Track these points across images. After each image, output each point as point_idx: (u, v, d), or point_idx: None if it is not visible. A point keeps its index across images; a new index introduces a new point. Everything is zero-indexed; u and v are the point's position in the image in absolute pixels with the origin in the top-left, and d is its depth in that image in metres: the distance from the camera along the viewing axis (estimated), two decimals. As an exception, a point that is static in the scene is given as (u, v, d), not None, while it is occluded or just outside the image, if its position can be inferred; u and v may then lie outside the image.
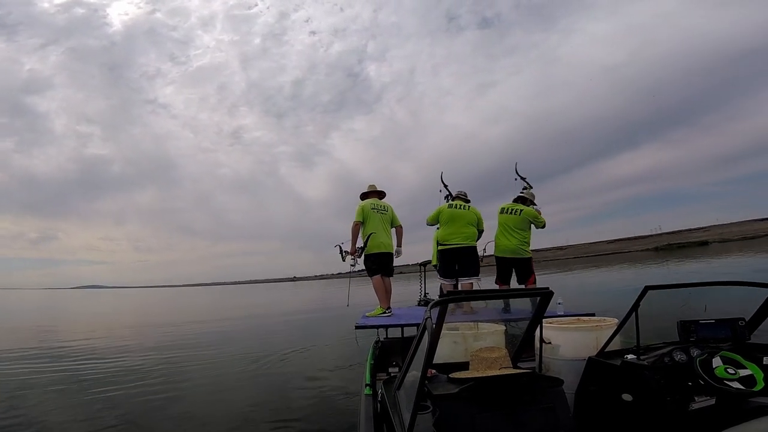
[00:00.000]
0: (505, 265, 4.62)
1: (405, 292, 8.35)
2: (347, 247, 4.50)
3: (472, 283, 4.40)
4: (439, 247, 4.55)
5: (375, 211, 4.46)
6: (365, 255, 4.43)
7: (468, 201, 4.73)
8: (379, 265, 4.37)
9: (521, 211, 4.58)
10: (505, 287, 4.50)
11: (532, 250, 4.68)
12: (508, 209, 4.67)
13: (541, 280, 6.33)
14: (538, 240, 5.19)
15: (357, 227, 4.42)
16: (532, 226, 4.64)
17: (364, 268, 4.54)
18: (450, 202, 4.77)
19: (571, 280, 19.53)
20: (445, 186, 5.18)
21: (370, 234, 4.37)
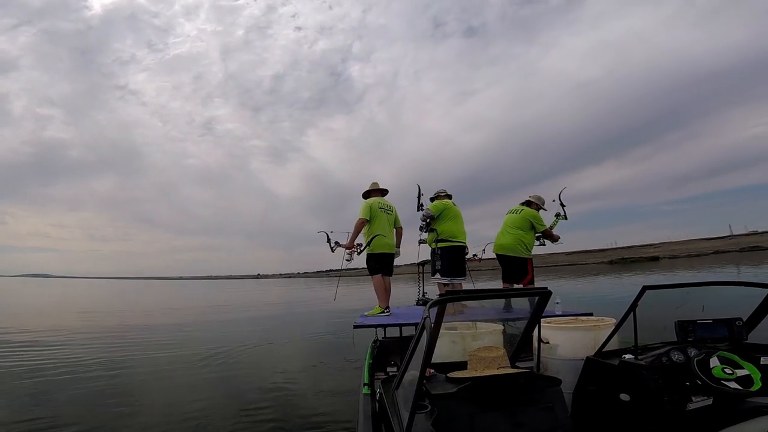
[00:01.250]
0: (502, 263, 4.61)
1: (403, 292, 8.35)
2: (338, 238, 4.34)
3: (462, 284, 4.40)
4: (445, 244, 4.33)
5: (382, 210, 4.38)
6: (369, 254, 4.33)
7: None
8: (382, 264, 4.33)
9: (521, 210, 4.58)
10: (507, 286, 4.47)
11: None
12: (512, 210, 4.69)
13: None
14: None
15: (362, 224, 4.31)
16: (537, 229, 4.59)
17: (365, 265, 4.44)
18: (446, 200, 4.61)
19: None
20: (420, 196, 4.88)
21: (377, 235, 4.27)
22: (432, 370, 1.92)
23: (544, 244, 4.80)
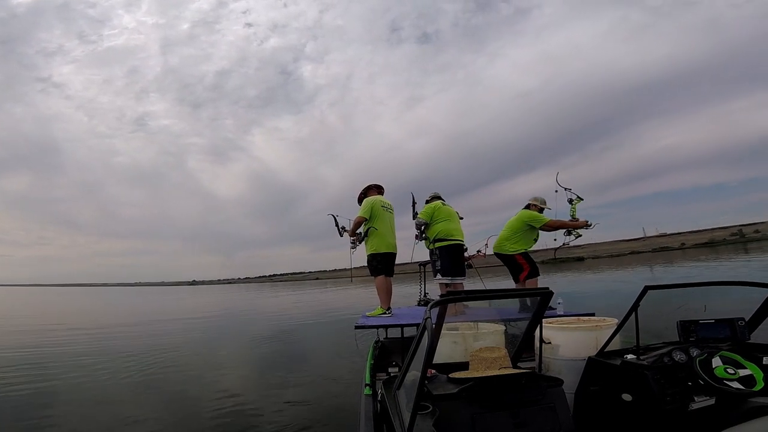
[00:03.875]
0: (504, 262, 4.67)
1: (403, 292, 8.31)
2: (344, 223, 4.39)
3: (462, 284, 4.37)
4: (443, 243, 4.32)
5: (384, 209, 4.35)
6: (372, 254, 4.30)
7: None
8: (385, 265, 4.31)
9: (518, 213, 4.64)
10: (517, 284, 4.49)
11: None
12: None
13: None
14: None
15: (360, 222, 4.30)
16: (536, 226, 4.60)
17: (366, 263, 4.42)
18: (436, 201, 4.56)
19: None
20: (414, 205, 4.94)
21: (371, 228, 4.25)
22: (433, 371, 1.92)
23: (580, 235, 4.53)
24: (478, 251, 5.10)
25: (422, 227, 4.47)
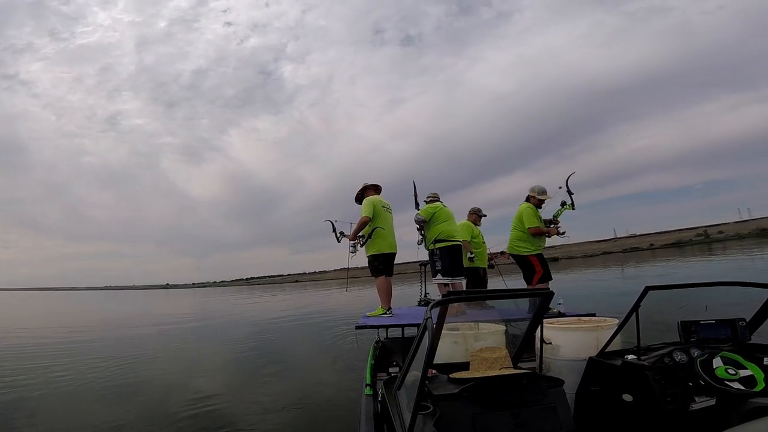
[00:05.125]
0: (517, 262, 4.60)
1: (403, 293, 8.27)
2: (342, 228, 4.34)
3: (462, 284, 4.37)
4: (443, 244, 4.33)
5: (385, 209, 4.36)
6: (373, 255, 4.30)
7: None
8: (386, 265, 4.31)
9: (519, 207, 4.55)
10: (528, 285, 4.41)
11: None
12: None
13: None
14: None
15: (366, 222, 4.26)
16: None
17: (367, 264, 4.41)
18: (437, 203, 4.58)
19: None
20: (416, 195, 4.89)
21: (377, 227, 4.24)
22: (434, 371, 1.92)
23: (564, 232, 4.50)
24: (502, 252, 5.08)
25: (421, 224, 4.49)
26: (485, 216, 5.70)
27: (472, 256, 5.08)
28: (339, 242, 4.41)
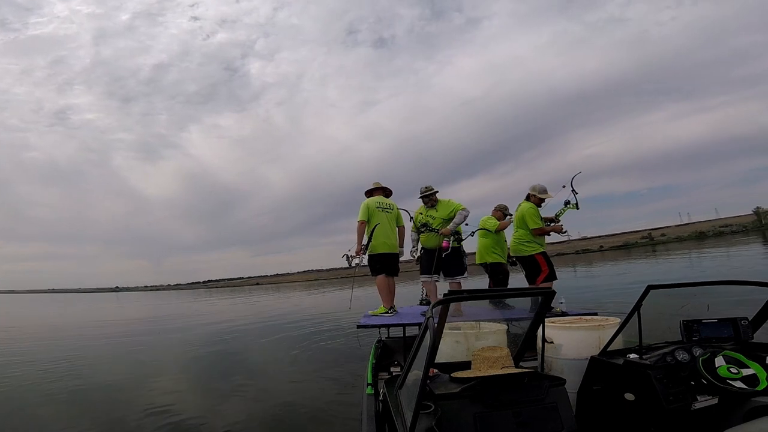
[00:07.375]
0: (520, 264, 4.56)
1: (403, 293, 8.21)
2: (353, 252, 4.32)
3: (461, 283, 4.36)
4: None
5: (380, 209, 4.36)
6: (370, 255, 4.31)
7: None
8: (383, 264, 4.30)
9: (520, 207, 4.47)
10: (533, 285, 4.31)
11: None
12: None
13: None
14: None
15: (362, 226, 4.30)
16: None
17: (368, 266, 4.42)
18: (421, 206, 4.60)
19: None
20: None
21: (376, 226, 4.25)
22: (435, 370, 1.92)
23: (565, 231, 4.47)
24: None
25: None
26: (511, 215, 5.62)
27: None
28: (351, 266, 4.36)
